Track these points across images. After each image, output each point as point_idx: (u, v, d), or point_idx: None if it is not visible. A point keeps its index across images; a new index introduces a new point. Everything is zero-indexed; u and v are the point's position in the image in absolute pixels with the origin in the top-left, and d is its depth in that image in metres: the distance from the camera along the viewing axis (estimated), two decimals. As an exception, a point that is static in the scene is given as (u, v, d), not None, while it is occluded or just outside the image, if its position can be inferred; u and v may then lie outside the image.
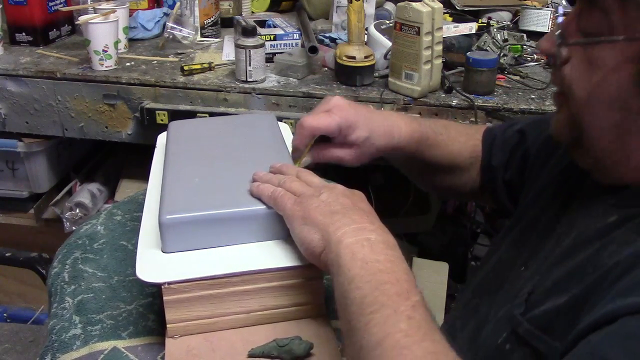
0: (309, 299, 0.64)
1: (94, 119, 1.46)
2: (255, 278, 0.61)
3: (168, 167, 0.72)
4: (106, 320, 0.67)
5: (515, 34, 1.57)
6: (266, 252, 0.63)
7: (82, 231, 0.84)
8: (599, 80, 0.54)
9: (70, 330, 0.66)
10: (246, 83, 1.38)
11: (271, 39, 1.52)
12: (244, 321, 0.63)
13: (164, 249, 0.62)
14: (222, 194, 0.66)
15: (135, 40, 1.67)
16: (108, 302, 0.70)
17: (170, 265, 0.61)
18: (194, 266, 0.60)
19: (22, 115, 1.48)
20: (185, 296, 0.59)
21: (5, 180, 1.63)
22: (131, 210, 0.87)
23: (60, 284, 0.74)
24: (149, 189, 0.75)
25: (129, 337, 0.65)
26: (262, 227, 0.64)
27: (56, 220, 1.63)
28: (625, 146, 0.55)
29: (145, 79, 1.41)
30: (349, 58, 1.36)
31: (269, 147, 0.77)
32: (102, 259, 0.78)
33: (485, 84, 1.34)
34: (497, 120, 1.31)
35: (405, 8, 1.27)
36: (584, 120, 0.57)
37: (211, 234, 0.63)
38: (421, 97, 1.33)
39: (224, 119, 0.92)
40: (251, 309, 0.62)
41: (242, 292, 0.61)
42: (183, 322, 0.61)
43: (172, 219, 0.61)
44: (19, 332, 1.45)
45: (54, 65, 1.48)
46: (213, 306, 0.61)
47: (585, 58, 0.56)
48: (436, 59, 1.32)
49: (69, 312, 0.69)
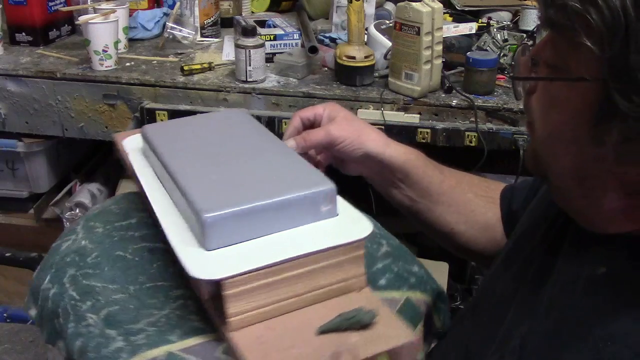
0: (353, 272, 0.66)
1: (94, 119, 1.46)
2: (306, 261, 0.62)
3: (172, 168, 0.71)
4: (147, 328, 0.65)
5: (515, 34, 1.57)
6: (308, 235, 0.65)
7: (63, 249, 0.79)
8: (558, 119, 0.50)
9: (109, 345, 0.63)
10: (246, 83, 1.38)
11: (271, 39, 1.52)
12: (297, 304, 0.64)
13: (207, 247, 0.62)
14: (250, 186, 0.66)
15: (135, 40, 1.67)
16: (140, 311, 0.67)
17: (221, 260, 0.61)
18: (247, 258, 0.61)
19: (22, 115, 1.48)
20: (244, 288, 0.60)
21: (5, 180, 1.63)
22: (111, 221, 0.83)
23: (70, 302, 0.70)
24: (149, 192, 0.73)
25: (179, 339, 0.64)
26: (297, 212, 0.65)
27: (56, 220, 1.63)
28: (592, 192, 0.51)
29: (145, 79, 1.41)
30: (349, 58, 1.36)
31: (261, 139, 0.78)
32: (104, 272, 0.74)
33: (485, 84, 1.34)
34: (497, 120, 1.31)
35: (405, 8, 1.27)
36: (545, 157, 0.54)
37: (252, 226, 0.63)
38: (421, 97, 1.33)
39: (198, 118, 0.91)
40: (303, 291, 0.64)
41: (294, 277, 0.63)
42: (243, 313, 0.61)
43: (215, 216, 0.61)
44: (19, 332, 1.45)
45: (54, 65, 1.48)
46: (269, 294, 0.62)
47: (547, 93, 0.51)
48: (436, 59, 1.32)
49: (97, 328, 0.66)
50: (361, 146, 0.79)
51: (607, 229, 0.52)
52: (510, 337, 0.59)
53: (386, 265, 0.76)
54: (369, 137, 0.80)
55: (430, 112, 1.33)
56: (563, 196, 0.55)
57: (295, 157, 0.75)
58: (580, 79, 0.45)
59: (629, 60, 0.41)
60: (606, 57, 0.42)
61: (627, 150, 0.44)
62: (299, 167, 0.72)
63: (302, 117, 0.83)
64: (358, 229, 0.66)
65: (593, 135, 0.46)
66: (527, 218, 0.72)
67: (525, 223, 0.71)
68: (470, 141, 1.29)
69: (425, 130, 1.30)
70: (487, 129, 1.29)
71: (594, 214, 0.52)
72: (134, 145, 0.84)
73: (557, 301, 0.55)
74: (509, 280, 0.66)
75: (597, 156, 0.47)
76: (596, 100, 0.45)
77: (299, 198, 0.65)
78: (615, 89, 0.42)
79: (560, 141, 0.50)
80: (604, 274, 0.52)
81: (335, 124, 0.80)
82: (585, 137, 0.47)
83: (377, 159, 0.80)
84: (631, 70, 0.41)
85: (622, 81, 0.42)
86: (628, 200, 0.48)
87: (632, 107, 0.42)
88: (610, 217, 0.51)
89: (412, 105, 1.33)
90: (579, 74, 0.45)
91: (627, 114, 0.42)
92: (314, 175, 0.70)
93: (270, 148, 0.76)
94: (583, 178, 0.50)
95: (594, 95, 0.45)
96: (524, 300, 0.61)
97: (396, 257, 0.77)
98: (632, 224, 0.50)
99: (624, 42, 0.41)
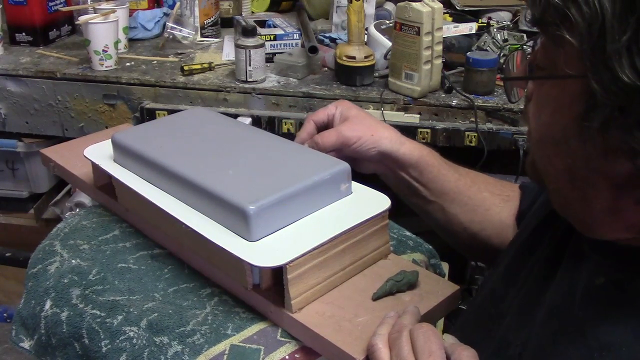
0: (382, 241, 0.71)
1: (94, 119, 1.46)
2: (349, 235, 0.66)
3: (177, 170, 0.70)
4: (199, 328, 0.65)
5: (515, 34, 1.57)
6: (341, 212, 0.69)
7: (52, 272, 0.76)
8: (548, 120, 0.50)
9: (166, 351, 0.63)
10: (246, 83, 1.38)
11: (271, 39, 1.52)
12: (344, 277, 0.68)
13: (252, 238, 0.63)
14: (273, 176, 0.69)
15: (135, 40, 1.67)
16: (182, 314, 0.67)
17: (274, 248, 0.63)
18: (297, 241, 0.64)
19: (22, 115, 1.48)
20: (303, 270, 0.63)
21: (5, 180, 1.63)
22: (95, 236, 0.80)
23: (96, 321, 0.68)
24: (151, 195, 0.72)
25: (235, 332, 0.64)
26: (323, 193, 0.69)
27: (56, 220, 1.63)
28: (584, 193, 0.51)
29: (145, 79, 1.41)
30: (349, 58, 1.36)
31: (249, 133, 0.80)
32: (115, 285, 0.72)
33: (485, 84, 1.34)
34: (497, 120, 1.31)
35: (405, 8, 1.27)
36: (539, 162, 0.54)
37: (287, 212, 0.66)
38: (421, 97, 1.33)
39: (166, 119, 0.91)
40: (348, 263, 0.68)
41: (341, 251, 0.66)
42: (302, 294, 0.64)
43: (258, 207, 0.63)
44: (19, 332, 1.44)
45: (54, 65, 1.48)
46: (321, 271, 0.65)
47: (539, 95, 0.52)
48: (436, 59, 1.32)
49: (143, 339, 0.65)
50: (375, 145, 0.79)
51: (602, 233, 0.53)
52: (509, 343, 0.60)
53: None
54: (383, 135, 0.80)
55: (430, 112, 1.33)
56: (560, 201, 0.55)
57: (295, 145, 0.78)
58: (565, 76, 0.47)
59: (606, 50, 0.42)
60: (585, 50, 0.44)
61: (610, 141, 0.45)
62: (304, 152, 0.75)
63: (316, 120, 0.82)
64: (380, 202, 0.70)
65: (580, 132, 0.47)
66: (530, 223, 0.72)
67: (528, 227, 0.71)
68: (470, 141, 1.29)
69: (425, 130, 1.30)
70: (487, 129, 1.29)
71: (588, 217, 0.53)
72: (98, 154, 0.81)
73: (557, 309, 0.56)
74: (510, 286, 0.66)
75: (585, 154, 0.48)
76: (581, 96, 0.46)
77: (323, 179, 0.68)
78: (595, 80, 0.44)
79: (551, 142, 0.51)
80: (603, 284, 0.52)
81: (347, 124, 0.80)
82: (574, 135, 0.48)
83: (391, 157, 0.80)
84: (607, 59, 0.42)
85: (599, 71, 0.43)
86: (616, 201, 0.49)
87: (610, 97, 0.43)
88: (601, 219, 0.51)
89: (412, 105, 1.33)
90: (563, 71, 0.47)
91: (605, 104, 0.44)
92: (324, 158, 0.73)
93: (264, 139, 0.78)
94: (575, 179, 0.51)
95: (579, 91, 0.46)
96: (525, 307, 0.61)
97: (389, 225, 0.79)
98: (623, 228, 0.51)
99: (601, 33, 0.43)
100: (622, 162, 0.46)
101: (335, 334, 0.60)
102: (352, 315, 0.63)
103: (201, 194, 0.67)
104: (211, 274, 0.72)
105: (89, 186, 0.87)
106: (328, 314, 0.63)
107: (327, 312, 0.64)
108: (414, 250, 0.82)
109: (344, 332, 0.61)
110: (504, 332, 0.62)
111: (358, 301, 0.65)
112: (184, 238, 0.71)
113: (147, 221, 0.78)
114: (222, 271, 0.69)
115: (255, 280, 0.66)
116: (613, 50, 0.42)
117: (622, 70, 0.42)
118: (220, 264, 0.68)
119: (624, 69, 0.42)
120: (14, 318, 0.79)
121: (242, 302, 0.68)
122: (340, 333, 0.60)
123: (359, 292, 0.66)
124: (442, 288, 0.68)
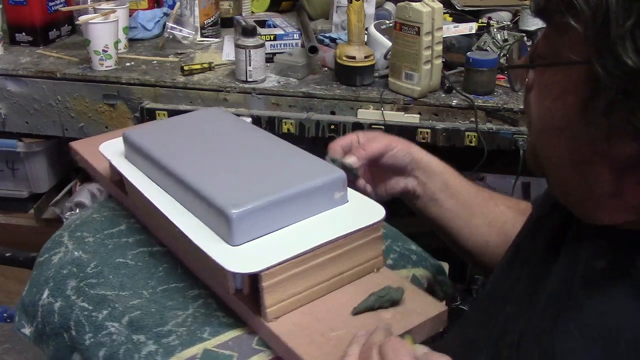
0: (373, 253, 0.69)
1: (94, 119, 1.46)
2: (334, 246, 0.65)
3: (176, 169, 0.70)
4: (177, 329, 0.65)
5: (515, 34, 1.57)
6: (331, 221, 0.67)
7: (55, 262, 0.78)
8: (548, 106, 0.52)
9: (141, 350, 0.63)
10: (246, 83, 1.38)
11: (271, 39, 1.52)
12: (327, 288, 0.66)
13: (234, 242, 0.62)
14: (264, 180, 0.68)
15: (135, 40, 1.67)
16: (163, 314, 0.67)
17: (253, 254, 0.62)
18: (278, 249, 0.62)
19: (22, 115, 1.48)
20: (280, 278, 0.62)
21: (5, 180, 1.63)
22: (101, 229, 0.82)
23: (83, 313, 0.69)
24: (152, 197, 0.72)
25: (211, 336, 0.64)
26: (314, 201, 0.68)
27: (56, 220, 1.63)
28: (586, 178, 0.51)
29: (145, 79, 1.41)
30: (349, 58, 1.36)
31: (253, 135, 0.80)
32: (109, 280, 0.73)
33: (485, 84, 1.34)
34: (497, 120, 1.31)
35: (405, 8, 1.27)
36: (541, 150, 0.55)
37: (274, 218, 0.65)
38: (421, 97, 1.33)
39: (178, 118, 0.92)
40: (332, 275, 0.66)
41: (324, 262, 0.65)
42: (279, 303, 0.63)
43: (241, 212, 0.62)
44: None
45: (54, 65, 1.48)
46: (301, 281, 0.64)
47: (541, 84, 0.53)
48: (436, 59, 1.32)
49: (122, 335, 0.65)
50: (408, 151, 0.81)
51: (602, 218, 0.53)
52: (507, 332, 0.60)
53: (388, 245, 0.78)
54: (410, 144, 0.83)
55: (430, 112, 1.33)
56: (561, 189, 0.56)
57: (294, 149, 0.76)
58: (569, 62, 0.48)
59: (610, 36, 0.43)
60: (590, 36, 0.45)
61: (613, 124, 0.46)
62: (303, 158, 0.74)
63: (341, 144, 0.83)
64: (374, 212, 0.69)
65: (584, 117, 0.48)
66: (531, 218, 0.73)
67: (528, 222, 0.72)
68: (470, 141, 1.29)
69: (425, 130, 1.30)
70: (487, 129, 1.29)
71: (589, 202, 0.53)
72: (112, 150, 0.83)
73: (557, 294, 0.56)
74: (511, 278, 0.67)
75: (589, 138, 0.49)
76: (584, 81, 0.47)
77: (315, 187, 0.67)
78: (599, 65, 0.45)
79: (554, 129, 0.52)
80: (604, 268, 0.53)
81: (381, 136, 0.82)
82: (577, 120, 0.49)
83: (421, 164, 0.82)
84: (612, 44, 0.43)
85: (604, 56, 0.44)
86: (618, 183, 0.50)
87: (614, 81, 0.44)
88: (603, 203, 0.52)
89: (412, 105, 1.33)
90: (567, 58, 0.48)
91: (609, 88, 0.45)
92: (321, 164, 0.72)
93: (267, 143, 0.77)
94: (577, 164, 0.52)
95: (583, 76, 0.47)
96: (523, 297, 0.62)
97: (393, 237, 0.80)
98: (625, 211, 0.51)
99: (606, 19, 0.44)
100: (625, 144, 0.47)
101: (305, 347, 0.59)
102: (327, 328, 0.61)
103: (192, 195, 0.67)
104: (201, 275, 0.72)
105: (106, 180, 0.88)
106: (304, 325, 0.62)
107: (304, 323, 0.62)
108: (416, 265, 0.81)
109: (315, 345, 0.59)
110: (503, 322, 0.62)
111: (337, 314, 0.63)
112: (177, 237, 0.71)
113: (151, 218, 0.79)
114: (209, 273, 0.69)
115: (238, 285, 0.65)
116: (617, 36, 0.43)
117: (626, 55, 0.43)
118: (206, 266, 0.68)
119: (628, 53, 0.43)
120: (17, 305, 0.80)
121: (225, 306, 0.68)
122: (310, 346, 0.59)
123: (341, 305, 0.65)
124: (428, 307, 0.65)
